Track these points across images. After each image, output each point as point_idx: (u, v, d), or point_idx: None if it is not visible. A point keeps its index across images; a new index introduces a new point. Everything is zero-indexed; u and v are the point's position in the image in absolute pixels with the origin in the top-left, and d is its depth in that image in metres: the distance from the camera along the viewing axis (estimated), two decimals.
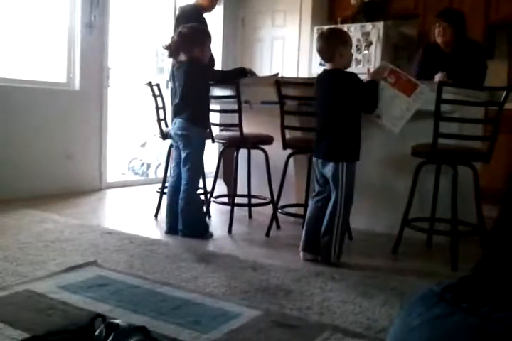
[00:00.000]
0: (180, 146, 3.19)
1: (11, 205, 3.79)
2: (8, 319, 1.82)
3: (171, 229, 3.24)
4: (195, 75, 3.14)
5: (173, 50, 3.17)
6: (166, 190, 3.80)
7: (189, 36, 3.11)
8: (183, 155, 3.17)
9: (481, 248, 2.80)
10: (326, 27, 5.58)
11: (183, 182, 3.17)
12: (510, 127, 3.77)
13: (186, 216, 3.15)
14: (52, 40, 4.59)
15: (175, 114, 3.23)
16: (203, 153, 3.25)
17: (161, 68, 6.68)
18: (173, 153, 3.38)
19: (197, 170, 3.21)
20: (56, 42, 4.60)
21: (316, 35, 5.82)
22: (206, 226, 3.26)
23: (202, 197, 3.54)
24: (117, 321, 1.65)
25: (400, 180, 3.22)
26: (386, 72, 2.77)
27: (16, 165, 4.18)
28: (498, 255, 1.16)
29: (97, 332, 1.60)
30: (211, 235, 3.20)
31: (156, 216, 3.74)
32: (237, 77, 3.38)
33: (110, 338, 1.56)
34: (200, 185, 3.45)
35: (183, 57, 3.17)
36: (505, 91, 2.70)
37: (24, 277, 2.28)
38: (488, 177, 3.59)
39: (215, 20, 6.25)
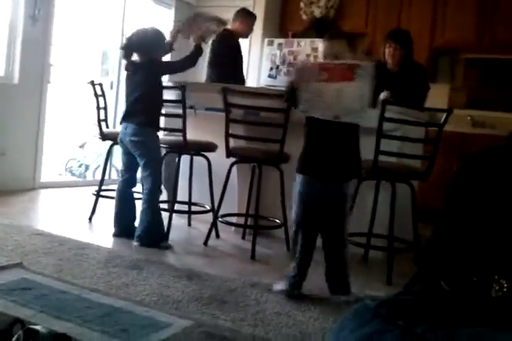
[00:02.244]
0: (136, 153, 3.11)
1: None
2: None
3: (121, 232, 3.19)
4: (153, 75, 3.11)
5: (127, 50, 3.14)
6: (103, 193, 3.70)
7: (146, 38, 3.12)
8: (140, 161, 3.11)
9: (415, 265, 2.85)
10: (276, 39, 5.65)
11: (146, 186, 3.11)
12: (448, 147, 3.90)
13: (146, 220, 3.06)
14: None
15: (125, 118, 3.15)
16: (160, 158, 3.23)
17: (106, 70, 6.53)
18: (122, 158, 3.28)
19: (157, 175, 3.15)
20: None
21: (266, 47, 5.87)
22: (164, 234, 3.15)
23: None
24: (37, 327, 1.55)
25: None
26: (314, 72, 2.36)
27: None
28: (431, 272, 1.16)
29: (14, 338, 1.50)
30: (169, 246, 3.07)
31: (90, 219, 3.59)
32: (196, 56, 3.35)
33: None
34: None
35: (138, 58, 3.15)
36: (445, 113, 2.80)
37: None
38: (426, 196, 3.69)
39: (164, 26, 6.19)
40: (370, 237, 3.13)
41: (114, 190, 3.85)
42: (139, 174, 3.28)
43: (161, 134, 3.81)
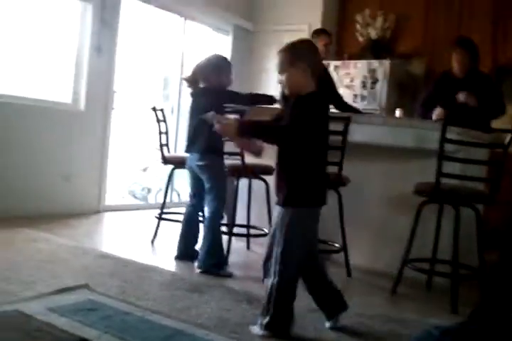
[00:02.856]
0: (203, 177, 3.17)
1: (5, 223, 3.73)
2: None
3: (183, 256, 3.26)
4: (215, 102, 3.09)
5: (191, 79, 3.25)
6: (165, 216, 3.79)
7: (207, 65, 3.21)
8: (206, 185, 3.15)
9: (480, 292, 2.74)
10: (333, 62, 5.67)
11: (209, 210, 3.13)
12: None
13: (207, 245, 3.07)
14: (60, 60, 4.63)
15: (188, 146, 3.23)
16: (225, 184, 3.21)
17: (167, 95, 6.73)
18: (190, 183, 3.37)
19: (220, 200, 3.14)
20: (64, 63, 4.64)
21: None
22: (223, 260, 3.15)
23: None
24: None
25: (401, 219, 3.18)
26: None
27: (14, 184, 4.14)
28: (497, 301, 1.12)
29: None
30: (230, 274, 3.03)
31: (152, 242, 3.68)
32: (261, 101, 3.38)
33: None
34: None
35: (201, 85, 3.24)
36: (510, 134, 2.70)
37: (13, 296, 2.22)
38: (491, 220, 3.56)
39: (222, 52, 6.35)
40: (434, 263, 3.03)
41: (175, 213, 3.96)
42: None
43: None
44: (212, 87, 3.20)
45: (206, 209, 3.19)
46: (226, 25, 6.25)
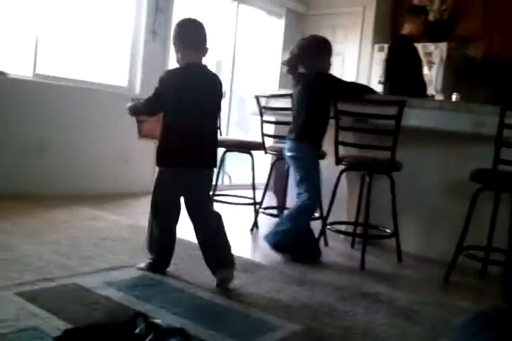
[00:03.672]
0: (292, 169, 3.08)
1: (65, 202, 3.89)
2: (54, 309, 1.85)
3: (275, 247, 3.04)
4: (317, 88, 2.96)
5: (291, 64, 3.04)
6: (216, 198, 3.84)
7: (309, 47, 3.01)
8: (296, 177, 3.03)
9: None
10: (386, 45, 5.55)
11: (297, 203, 3.00)
12: None
13: (296, 231, 2.98)
14: (117, 45, 4.74)
15: (288, 133, 3.08)
16: (317, 176, 3.01)
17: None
18: (290, 173, 3.25)
19: (311, 193, 2.96)
20: (120, 48, 4.75)
21: (376, 53, 5.79)
22: (316, 245, 3.09)
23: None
24: (157, 321, 1.65)
25: (455, 206, 3.10)
26: None
27: (73, 165, 4.31)
28: None
29: (137, 330, 1.61)
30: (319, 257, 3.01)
31: None
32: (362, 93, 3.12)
33: (150, 337, 1.56)
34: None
35: (302, 70, 3.03)
36: None
37: (72, 271, 2.33)
38: None
39: (275, 35, 6.32)
40: (489, 251, 2.96)
41: (225, 195, 4.02)
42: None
43: (270, 141, 3.91)
44: (320, 73, 2.99)
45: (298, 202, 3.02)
46: (279, 8, 6.21)
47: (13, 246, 2.65)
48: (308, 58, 3.00)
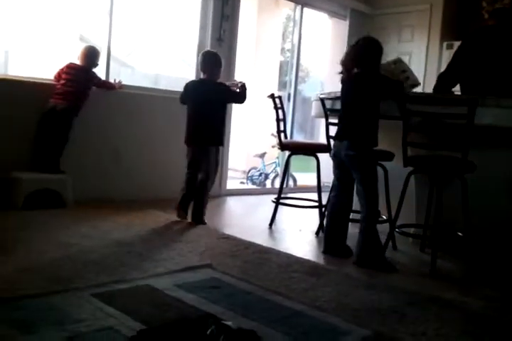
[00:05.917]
0: (351, 168, 3.03)
1: (138, 205, 4.04)
2: (128, 310, 1.92)
3: (328, 249, 3.12)
4: (368, 88, 2.98)
5: (347, 64, 3.08)
6: (282, 201, 3.86)
7: (364, 47, 3.05)
8: (355, 177, 3.02)
9: None
10: (456, 42, 5.36)
11: (361, 206, 2.99)
12: None
13: (362, 241, 2.97)
14: (184, 52, 4.88)
15: (338, 134, 3.09)
16: (376, 175, 3.01)
17: (284, 82, 6.81)
18: (334, 172, 3.17)
19: (371, 193, 2.97)
20: (186, 55, 4.88)
21: (445, 51, 5.62)
22: (382, 256, 2.99)
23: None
24: (228, 323, 1.68)
25: None
26: None
27: (141, 170, 4.47)
28: None
29: (208, 331, 1.65)
30: (394, 268, 2.91)
31: (270, 225, 3.79)
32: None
33: (221, 338, 1.60)
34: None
35: (356, 70, 3.06)
36: None
37: (145, 272, 2.41)
38: None
39: (339, 35, 6.27)
40: None
41: (292, 198, 4.04)
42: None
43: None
44: (372, 73, 3.00)
45: (360, 201, 3.01)
46: (343, 9, 6.16)
47: (90, 248, 2.78)
48: (362, 59, 3.03)
